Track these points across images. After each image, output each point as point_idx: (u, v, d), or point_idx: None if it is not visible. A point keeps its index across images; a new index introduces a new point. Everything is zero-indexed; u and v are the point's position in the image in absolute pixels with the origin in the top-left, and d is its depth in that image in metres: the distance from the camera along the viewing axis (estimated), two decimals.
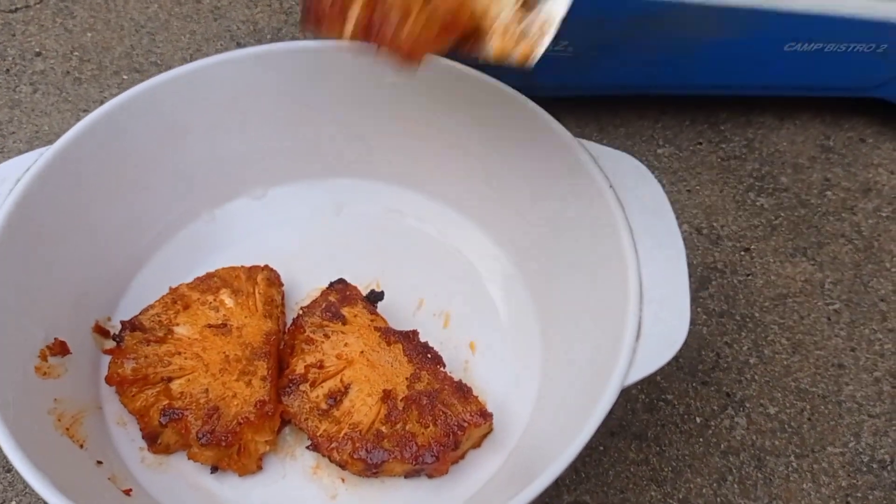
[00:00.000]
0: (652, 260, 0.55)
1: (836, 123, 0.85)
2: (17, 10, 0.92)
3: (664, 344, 0.51)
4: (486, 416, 0.58)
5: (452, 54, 0.59)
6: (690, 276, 0.64)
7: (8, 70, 0.87)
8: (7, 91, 0.85)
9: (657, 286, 0.54)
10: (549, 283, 0.64)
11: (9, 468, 0.62)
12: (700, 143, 0.84)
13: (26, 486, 0.62)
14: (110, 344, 0.63)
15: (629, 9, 0.70)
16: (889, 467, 0.64)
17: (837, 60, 0.76)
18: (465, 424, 0.57)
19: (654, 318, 0.52)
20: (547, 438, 0.56)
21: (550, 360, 0.62)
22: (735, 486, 0.62)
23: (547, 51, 0.76)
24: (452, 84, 0.64)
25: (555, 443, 0.54)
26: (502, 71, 0.76)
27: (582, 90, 0.82)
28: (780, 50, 0.75)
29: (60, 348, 0.58)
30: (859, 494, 0.62)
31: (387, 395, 0.58)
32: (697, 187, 0.80)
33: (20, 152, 0.80)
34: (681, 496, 0.62)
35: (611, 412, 0.49)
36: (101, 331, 0.63)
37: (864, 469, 0.63)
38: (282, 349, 0.62)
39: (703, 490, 0.62)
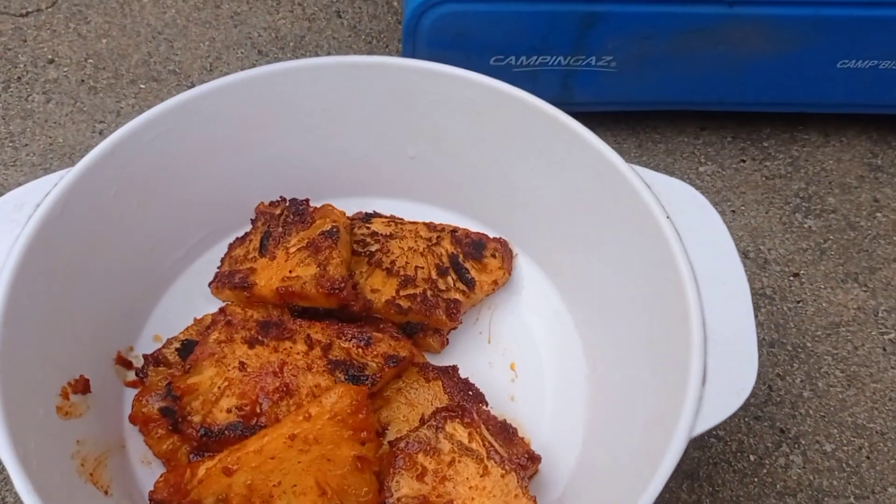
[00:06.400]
0: (713, 297, 0.52)
1: (884, 140, 0.82)
2: (28, 14, 0.89)
3: (731, 390, 0.48)
4: (533, 459, 0.55)
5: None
6: None
7: (20, 78, 0.83)
8: (19, 100, 0.81)
9: (721, 326, 0.50)
10: (599, 316, 0.61)
11: None
12: (743, 161, 0.80)
13: None
14: (133, 376, 0.60)
15: (681, 23, 0.67)
16: None
17: (892, 77, 0.72)
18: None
19: (719, 362, 0.49)
20: (601, 487, 0.53)
21: (599, 402, 0.59)
22: None
23: (589, 66, 0.73)
24: (496, 105, 0.61)
25: (611, 493, 0.51)
26: (538, 83, 0.73)
27: (622, 105, 0.78)
28: (832, 67, 0.72)
29: (83, 385, 0.54)
30: None
31: None
32: (742, 208, 0.76)
33: (33, 165, 0.77)
34: None
35: None
36: (123, 362, 0.60)
37: None
38: None
39: None
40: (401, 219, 0.67)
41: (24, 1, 0.89)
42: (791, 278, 0.72)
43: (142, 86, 0.83)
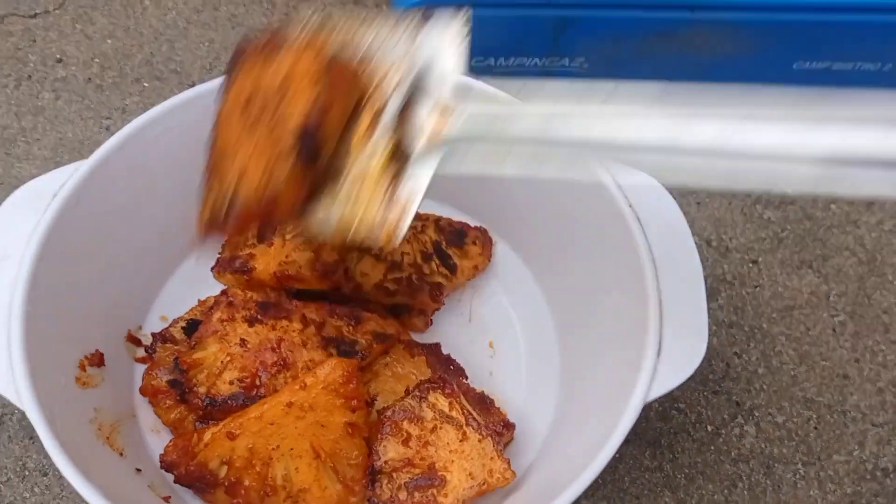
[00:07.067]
0: (670, 278, 0.57)
1: None
2: (36, 15, 0.93)
3: (684, 361, 0.54)
4: (508, 426, 0.61)
5: None
6: None
7: (30, 76, 0.88)
8: (30, 97, 0.86)
9: (676, 304, 0.56)
10: (569, 297, 0.66)
11: (45, 472, 0.64)
12: None
13: (62, 489, 0.64)
14: (142, 352, 0.65)
15: (646, 27, 0.72)
16: (892, 475, 0.66)
17: (845, 79, 0.78)
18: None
19: (673, 336, 0.55)
20: (569, 451, 0.58)
21: (569, 374, 0.64)
22: (745, 492, 0.65)
23: (563, 67, 0.78)
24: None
25: (578, 457, 0.56)
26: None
27: None
28: (788, 68, 0.77)
29: (98, 359, 0.59)
30: (864, 501, 0.65)
31: None
32: (706, 199, 0.82)
33: (45, 159, 0.82)
34: (694, 502, 0.65)
35: None
36: (133, 339, 0.65)
37: (868, 477, 0.66)
38: None
39: (715, 496, 0.65)
40: None
41: (33, 3, 0.94)
42: (750, 265, 0.78)
43: (145, 84, 0.88)
